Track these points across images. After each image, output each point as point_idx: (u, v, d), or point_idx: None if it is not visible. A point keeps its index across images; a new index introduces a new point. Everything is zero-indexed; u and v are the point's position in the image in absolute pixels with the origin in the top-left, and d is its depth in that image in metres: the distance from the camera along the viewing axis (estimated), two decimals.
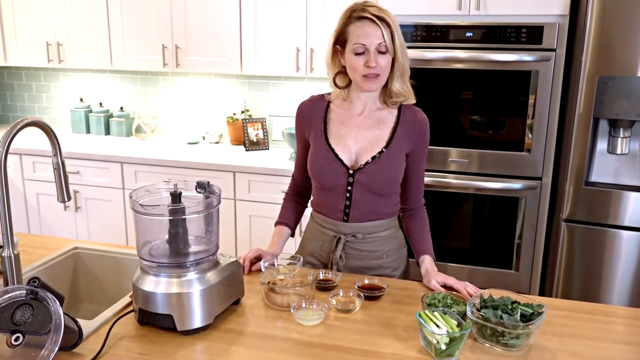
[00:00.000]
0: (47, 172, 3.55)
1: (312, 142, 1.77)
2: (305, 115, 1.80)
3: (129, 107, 4.04)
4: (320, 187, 1.78)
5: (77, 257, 1.95)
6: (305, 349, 1.35)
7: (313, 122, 1.78)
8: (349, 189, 1.72)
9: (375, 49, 1.60)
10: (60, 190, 1.50)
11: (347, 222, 1.75)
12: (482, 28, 2.72)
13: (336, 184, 1.73)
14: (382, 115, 1.74)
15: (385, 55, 1.62)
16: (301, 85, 3.64)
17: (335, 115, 1.77)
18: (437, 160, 2.90)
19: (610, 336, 1.43)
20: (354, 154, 1.72)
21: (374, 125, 1.73)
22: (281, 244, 1.85)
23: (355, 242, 1.76)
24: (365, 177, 1.70)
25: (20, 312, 1.23)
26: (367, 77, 1.63)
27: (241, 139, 3.68)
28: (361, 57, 1.62)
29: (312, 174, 1.78)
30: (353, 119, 1.74)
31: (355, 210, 1.74)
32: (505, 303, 1.40)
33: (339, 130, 1.74)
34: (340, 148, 1.72)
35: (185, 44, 3.46)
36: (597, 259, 2.67)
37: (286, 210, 1.91)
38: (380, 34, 1.59)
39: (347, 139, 1.73)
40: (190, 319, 1.39)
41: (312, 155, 1.77)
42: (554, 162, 2.79)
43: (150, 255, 1.42)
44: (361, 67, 1.62)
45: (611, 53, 2.46)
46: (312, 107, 1.80)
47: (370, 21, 1.60)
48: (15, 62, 3.86)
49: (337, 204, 1.75)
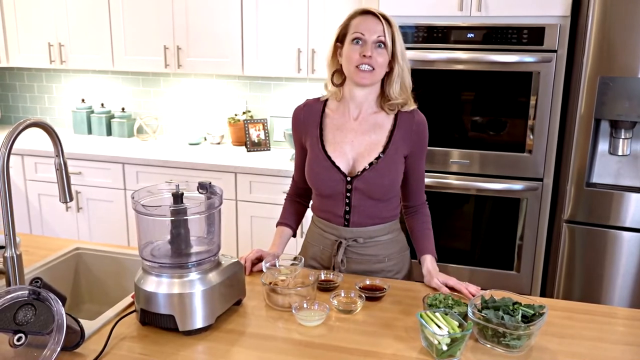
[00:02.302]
0: (49, 173, 3.56)
1: (309, 148, 1.76)
2: (300, 120, 1.80)
3: (130, 107, 4.05)
4: (319, 194, 1.78)
5: (79, 257, 1.95)
6: (307, 349, 1.35)
7: (309, 128, 1.77)
8: (347, 195, 1.71)
9: (373, 42, 1.60)
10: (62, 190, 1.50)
11: (347, 226, 1.75)
12: (483, 29, 2.72)
13: (335, 191, 1.72)
14: (378, 119, 1.72)
15: (383, 53, 1.62)
16: (302, 86, 3.65)
17: (331, 121, 1.75)
18: (438, 161, 2.90)
19: (611, 337, 1.43)
20: (351, 160, 1.71)
21: (370, 129, 1.72)
22: (282, 245, 1.85)
23: (356, 246, 1.76)
24: (363, 183, 1.69)
25: (23, 313, 1.23)
26: (360, 70, 1.62)
27: (242, 139, 3.69)
28: (358, 47, 1.62)
29: (310, 182, 1.77)
30: (349, 124, 1.73)
31: (355, 215, 1.73)
32: (507, 304, 1.41)
33: (334, 137, 1.73)
34: (337, 155, 1.71)
35: (186, 44, 3.46)
36: (598, 260, 2.66)
37: (287, 211, 1.91)
38: (381, 29, 1.60)
39: (344, 145, 1.72)
40: (192, 320, 1.39)
41: (310, 163, 1.75)
42: (555, 163, 2.79)
43: (152, 255, 1.42)
44: (356, 57, 1.61)
45: (612, 54, 2.46)
46: (307, 112, 1.79)
47: (373, 15, 1.62)
48: (17, 63, 3.86)
49: (337, 210, 1.74)
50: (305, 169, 1.78)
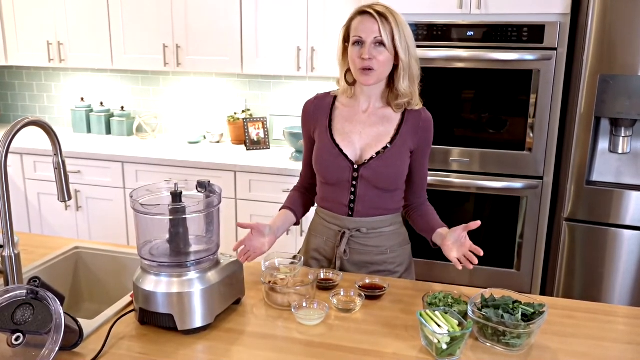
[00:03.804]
0: (48, 172, 3.55)
1: (317, 138, 1.78)
2: (310, 113, 1.82)
3: (129, 106, 4.04)
4: (325, 182, 1.79)
5: (77, 256, 1.95)
6: (306, 348, 1.35)
7: (318, 120, 1.79)
8: (353, 183, 1.73)
9: (371, 42, 1.62)
10: (61, 189, 1.50)
11: (351, 216, 1.76)
12: (483, 27, 2.72)
13: (341, 179, 1.73)
14: (387, 113, 1.75)
15: (383, 51, 1.63)
16: (302, 85, 3.64)
17: (340, 113, 1.78)
18: (439, 160, 2.90)
19: (612, 336, 1.43)
20: (359, 149, 1.73)
21: (378, 122, 1.74)
22: (279, 222, 1.75)
23: (359, 237, 1.77)
24: (369, 172, 1.70)
25: (21, 312, 1.23)
26: (362, 71, 1.64)
27: (242, 138, 3.68)
28: (358, 49, 1.64)
29: (317, 169, 1.79)
30: (358, 116, 1.76)
31: (359, 205, 1.74)
32: (507, 302, 1.40)
33: (344, 127, 1.76)
34: (345, 144, 1.73)
35: (186, 43, 3.46)
36: (599, 259, 2.66)
37: (292, 198, 1.88)
38: (376, 28, 1.61)
39: (352, 135, 1.74)
40: (191, 319, 1.38)
41: (317, 151, 1.78)
42: (555, 161, 2.79)
43: (151, 254, 1.42)
44: (358, 59, 1.64)
45: (612, 52, 2.45)
46: (317, 105, 1.81)
47: (369, 15, 1.63)
48: (16, 62, 3.86)
49: (342, 199, 1.75)
50: (313, 156, 1.79)
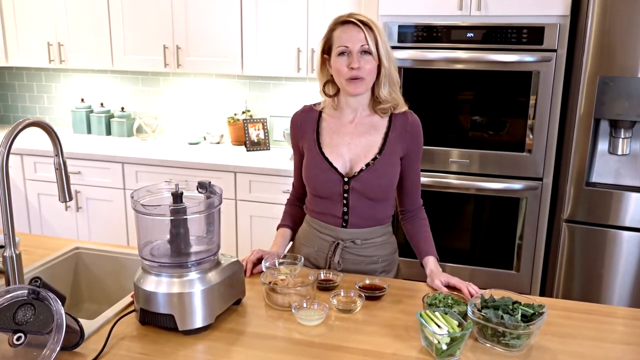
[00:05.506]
0: (48, 172, 3.55)
1: (306, 152, 1.78)
2: (298, 125, 1.82)
3: (130, 107, 4.05)
4: (316, 195, 1.78)
5: (78, 257, 1.95)
6: (306, 349, 1.35)
7: (306, 132, 1.78)
8: (345, 195, 1.72)
9: (358, 51, 1.61)
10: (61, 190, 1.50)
11: (346, 227, 1.75)
12: (483, 29, 2.72)
13: (332, 192, 1.73)
14: (373, 122, 1.74)
15: (370, 60, 1.63)
16: (302, 86, 3.64)
17: (328, 125, 1.77)
18: (438, 161, 2.90)
19: (611, 337, 1.43)
20: (348, 161, 1.72)
21: (366, 131, 1.73)
22: (284, 245, 1.86)
23: (353, 247, 1.76)
24: (360, 184, 1.70)
25: (22, 312, 1.23)
26: (351, 80, 1.63)
27: (242, 139, 3.69)
28: (345, 60, 1.63)
29: (307, 183, 1.78)
30: (345, 127, 1.75)
31: (353, 216, 1.74)
32: (506, 303, 1.41)
33: (331, 139, 1.75)
34: (334, 156, 1.73)
35: (186, 44, 3.46)
36: (598, 260, 2.67)
37: (288, 214, 1.93)
38: (363, 37, 1.61)
39: (340, 147, 1.73)
40: (192, 319, 1.39)
41: (307, 165, 1.77)
42: (555, 162, 2.79)
43: (152, 255, 1.42)
44: (345, 69, 1.63)
45: (612, 54, 2.46)
46: (304, 118, 1.81)
47: (353, 24, 1.63)
48: (17, 63, 3.86)
49: (335, 211, 1.75)
50: (303, 171, 1.79)
